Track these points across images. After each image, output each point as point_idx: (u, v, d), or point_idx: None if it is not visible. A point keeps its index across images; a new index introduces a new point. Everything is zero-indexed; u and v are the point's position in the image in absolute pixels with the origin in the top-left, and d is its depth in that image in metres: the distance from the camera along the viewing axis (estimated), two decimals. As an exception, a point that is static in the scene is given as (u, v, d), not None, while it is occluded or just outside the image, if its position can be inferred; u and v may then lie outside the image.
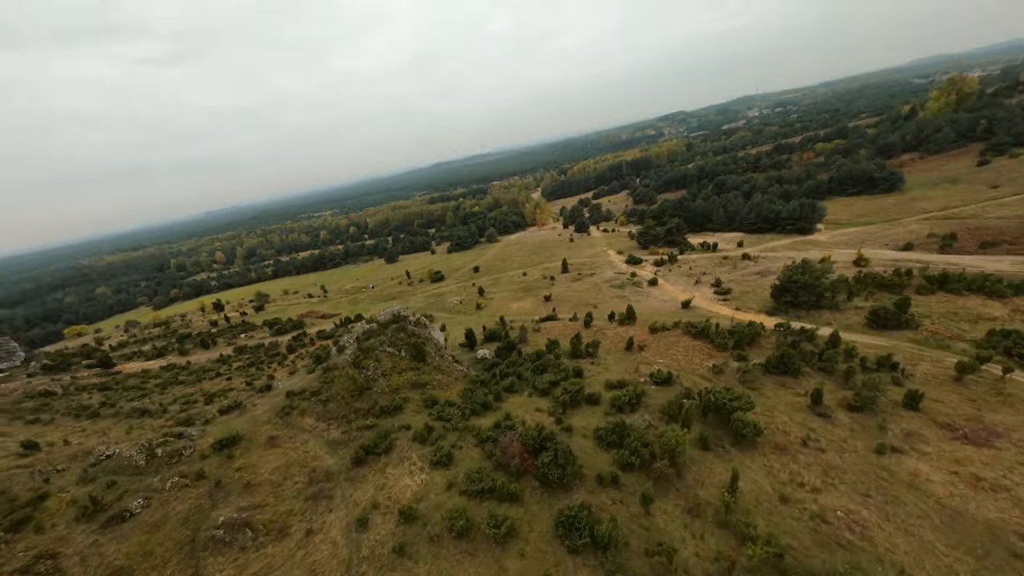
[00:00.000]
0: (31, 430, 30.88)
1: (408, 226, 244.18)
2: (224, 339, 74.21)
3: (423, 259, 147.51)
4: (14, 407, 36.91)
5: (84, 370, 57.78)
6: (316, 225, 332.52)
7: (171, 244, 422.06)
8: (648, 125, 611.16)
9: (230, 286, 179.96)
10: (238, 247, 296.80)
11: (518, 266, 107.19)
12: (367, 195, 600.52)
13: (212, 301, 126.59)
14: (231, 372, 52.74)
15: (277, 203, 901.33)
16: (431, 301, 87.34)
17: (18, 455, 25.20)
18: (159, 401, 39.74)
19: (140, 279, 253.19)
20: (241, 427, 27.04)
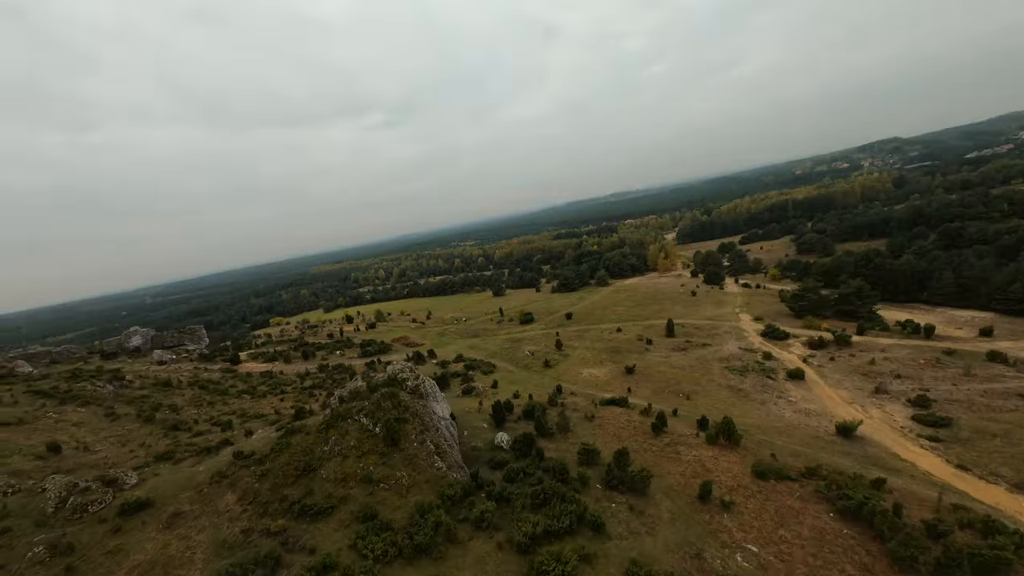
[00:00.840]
0: (58, 429, 36.15)
1: (528, 260, 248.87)
2: (323, 352, 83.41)
3: (526, 296, 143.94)
4: (89, 391, 45.78)
5: (219, 362, 71.85)
6: (455, 253, 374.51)
7: (360, 260, 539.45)
8: (840, 157, 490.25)
9: (375, 300, 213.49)
10: (395, 267, 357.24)
11: (616, 319, 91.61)
12: (507, 228, 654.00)
13: (346, 314, 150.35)
14: (293, 392, 56.30)
15: (440, 232, 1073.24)
16: (506, 347, 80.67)
17: (36, 456, 28.63)
18: (206, 415, 43.55)
19: (330, 286, 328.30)
20: (165, 487, 24.74)
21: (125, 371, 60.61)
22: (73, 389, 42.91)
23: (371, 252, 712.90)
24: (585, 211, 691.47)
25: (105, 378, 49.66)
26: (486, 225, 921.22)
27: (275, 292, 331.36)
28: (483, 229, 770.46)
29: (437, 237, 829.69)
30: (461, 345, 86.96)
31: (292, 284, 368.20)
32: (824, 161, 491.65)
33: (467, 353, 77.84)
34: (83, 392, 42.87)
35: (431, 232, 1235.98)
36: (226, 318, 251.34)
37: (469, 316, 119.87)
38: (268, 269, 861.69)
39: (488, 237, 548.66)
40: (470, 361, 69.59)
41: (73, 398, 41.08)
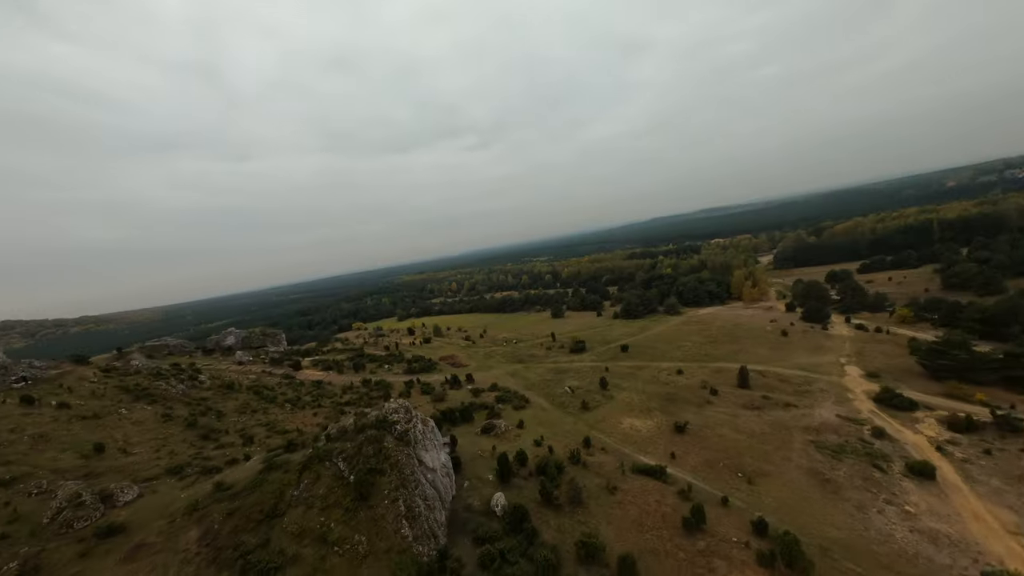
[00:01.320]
0: (117, 427, 40.67)
1: (595, 281, 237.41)
2: (374, 366, 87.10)
3: (585, 320, 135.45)
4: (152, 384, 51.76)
5: (285, 367, 79.18)
6: (524, 269, 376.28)
7: (439, 272, 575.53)
8: (1016, 163, 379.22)
9: (442, 312, 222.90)
10: (467, 280, 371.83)
11: (679, 357, 79.68)
12: (582, 245, 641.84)
13: (412, 325, 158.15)
14: (328, 407, 58.50)
15: (517, 246, 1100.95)
16: (547, 378, 74.94)
17: (82, 455, 32.46)
18: (242, 424, 46.73)
19: (408, 295, 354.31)
20: (145, 512, 25.47)
21: (206, 369, 69.88)
22: (150, 387, 49.76)
23: (453, 264, 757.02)
24: (669, 228, 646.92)
25: (183, 377, 56.97)
26: (562, 241, 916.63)
27: (364, 298, 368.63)
28: (558, 245, 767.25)
29: (513, 251, 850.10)
30: (503, 370, 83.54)
31: (379, 291, 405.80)
32: (993, 169, 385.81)
33: (505, 381, 74.11)
34: (156, 390, 49.42)
35: (509, 246, 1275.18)
36: (321, 319, 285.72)
37: (521, 338, 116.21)
38: (369, 275, 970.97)
39: (561, 253, 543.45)
40: (504, 392, 65.63)
41: (147, 396, 47.41)
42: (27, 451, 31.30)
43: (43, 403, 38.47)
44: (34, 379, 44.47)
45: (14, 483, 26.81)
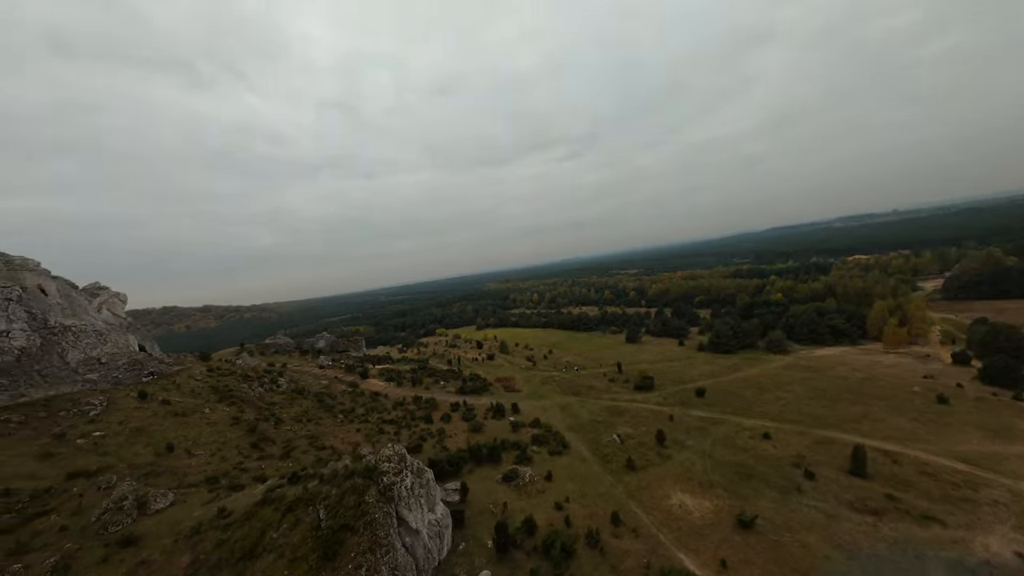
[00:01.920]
0: (194, 425, 47.21)
1: (685, 302, 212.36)
2: (431, 381, 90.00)
3: (663, 349, 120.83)
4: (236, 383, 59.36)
5: (355, 374, 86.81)
6: (609, 283, 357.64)
7: (524, 281, 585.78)
8: None
9: (518, 325, 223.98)
10: (548, 292, 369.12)
11: (773, 415, 64.48)
12: (678, 258, 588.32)
13: (484, 336, 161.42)
14: (373, 423, 61.40)
15: (608, 256, 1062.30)
16: (598, 419, 67.46)
17: (156, 452, 38.66)
18: (292, 434, 51.46)
19: (491, 303, 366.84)
20: (162, 526, 28.48)
21: (291, 371, 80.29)
22: (235, 389, 58.51)
23: (540, 273, 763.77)
24: (791, 240, 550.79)
25: (265, 380, 65.95)
26: (654, 253, 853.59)
27: (452, 304, 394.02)
28: (651, 257, 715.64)
29: (603, 262, 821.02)
30: (554, 402, 78.35)
31: (466, 298, 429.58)
32: None
33: (551, 416, 69.13)
34: (238, 392, 57.83)
35: (598, 256, 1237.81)
36: (413, 322, 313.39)
37: (584, 365, 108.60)
38: (462, 281, 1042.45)
39: (653, 267, 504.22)
40: (544, 430, 60.87)
41: (229, 397, 55.68)
42: (122, 444, 38.73)
43: (152, 398, 47.81)
44: (159, 374, 56.01)
45: (96, 475, 33.06)
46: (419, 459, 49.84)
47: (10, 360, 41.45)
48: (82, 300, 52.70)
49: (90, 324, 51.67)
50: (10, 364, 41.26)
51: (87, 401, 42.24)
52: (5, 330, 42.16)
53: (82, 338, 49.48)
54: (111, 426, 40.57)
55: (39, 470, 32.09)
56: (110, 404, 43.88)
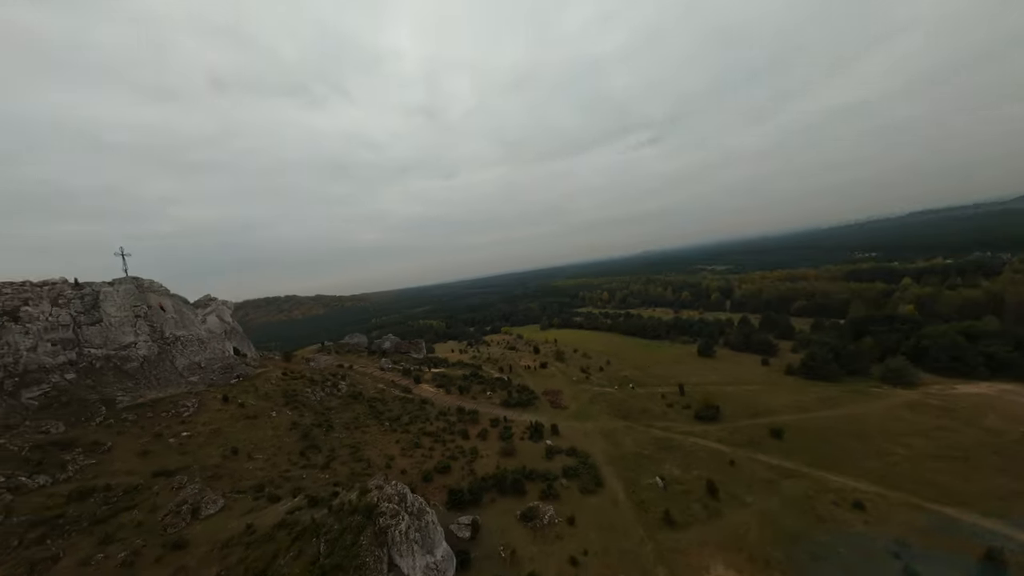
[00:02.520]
0: (260, 428, 53.93)
1: (779, 308, 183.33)
2: (479, 389, 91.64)
3: (741, 369, 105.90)
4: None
5: (409, 379, 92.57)
6: (691, 281, 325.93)
7: (596, 278, 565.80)
8: None
9: (582, 327, 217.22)
10: (620, 290, 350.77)
11: (875, 475, 52.31)
12: (781, 251, 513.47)
13: (542, 340, 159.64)
14: (411, 435, 64.52)
15: (693, 248, 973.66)
16: (645, 453, 61.49)
17: (223, 455, 45.43)
18: (339, 442, 56.43)
19: (558, 301, 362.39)
20: (203, 535, 33.07)
21: (354, 374, 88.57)
22: (299, 392, 66.38)
23: (614, 268, 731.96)
24: (943, 226, 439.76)
25: (327, 384, 73.70)
26: (753, 244, 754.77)
27: (519, 301, 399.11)
28: (747, 250, 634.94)
29: (687, 256, 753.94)
30: (599, 426, 73.83)
31: (535, 295, 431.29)
32: None
33: (591, 444, 65.23)
34: (302, 396, 65.49)
35: (683, 249, 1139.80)
36: (482, 318, 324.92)
37: (643, 381, 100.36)
38: (534, 275, 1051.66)
39: (746, 263, 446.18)
40: (580, 461, 57.59)
41: (294, 401, 63.34)
42: (201, 444, 46.50)
43: (232, 401, 56.63)
44: (245, 376, 66.23)
45: (174, 474, 40.10)
46: (445, 481, 50.99)
47: (135, 366, 52.43)
48: (190, 314, 64.30)
49: (195, 334, 62.92)
50: (135, 369, 52.23)
51: (183, 403, 51.59)
52: (133, 341, 53.37)
53: (188, 346, 60.53)
54: (196, 427, 48.94)
55: (137, 466, 40.01)
56: (200, 406, 53.00)
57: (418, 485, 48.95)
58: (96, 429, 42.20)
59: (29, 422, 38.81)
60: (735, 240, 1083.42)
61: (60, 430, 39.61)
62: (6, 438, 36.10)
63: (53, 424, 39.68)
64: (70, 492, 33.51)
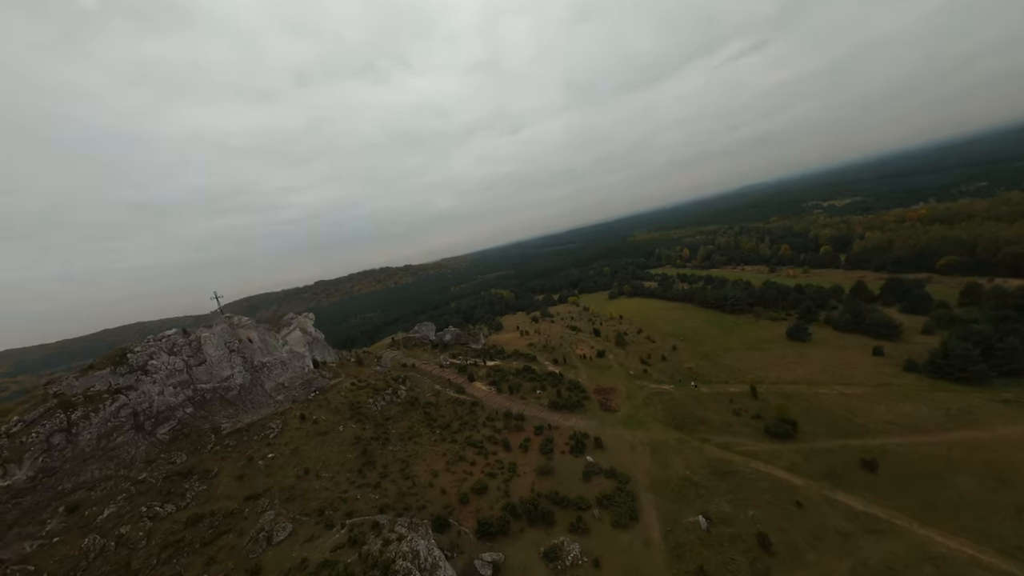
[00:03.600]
0: (330, 443, 62.81)
1: (920, 263, 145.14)
2: (529, 387, 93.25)
3: (842, 361, 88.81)
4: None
5: (463, 376, 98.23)
6: (795, 228, 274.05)
7: (675, 231, 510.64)
8: None
9: (653, 296, 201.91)
10: (704, 245, 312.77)
11: (1006, 539, 40.70)
12: (941, 171, 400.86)
13: (603, 321, 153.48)
14: (456, 446, 69.41)
15: (813, 176, 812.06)
16: (695, 480, 57.14)
17: (297, 475, 54.80)
18: (392, 456, 63.52)
19: (632, 262, 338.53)
20: (272, 563, 41.08)
21: (415, 371, 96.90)
22: (362, 404, 75.34)
23: (702, 211, 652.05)
24: None
25: (387, 392, 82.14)
26: (897, 165, 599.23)
27: (590, 264, 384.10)
28: (887, 174, 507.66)
29: (799, 185, 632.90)
30: (649, 437, 70.13)
31: (606, 256, 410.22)
32: None
33: (634, 462, 62.78)
34: (364, 407, 74.33)
35: (793, 178, 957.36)
36: (551, 285, 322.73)
37: (709, 377, 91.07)
38: (610, 227, 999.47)
39: (880, 191, 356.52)
40: (617, 487, 56.26)
41: (357, 414, 72.34)
42: (282, 465, 56.61)
43: (307, 419, 67.06)
44: (321, 389, 77.41)
45: (259, 497, 49.94)
46: (480, 504, 54.48)
47: (234, 394, 64.80)
48: (272, 340, 75.88)
49: (278, 358, 74.59)
50: (234, 397, 64.62)
51: (269, 425, 62.81)
52: (230, 374, 65.58)
53: (273, 370, 72.31)
54: (279, 447, 59.52)
55: (234, 490, 50.75)
56: (283, 426, 63.98)
57: (455, 507, 53.37)
58: (207, 456, 54.23)
59: (163, 455, 51.54)
60: (870, 159, 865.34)
61: (183, 460, 51.87)
62: (148, 471, 48.59)
63: (178, 455, 52.06)
64: (187, 518, 44.27)
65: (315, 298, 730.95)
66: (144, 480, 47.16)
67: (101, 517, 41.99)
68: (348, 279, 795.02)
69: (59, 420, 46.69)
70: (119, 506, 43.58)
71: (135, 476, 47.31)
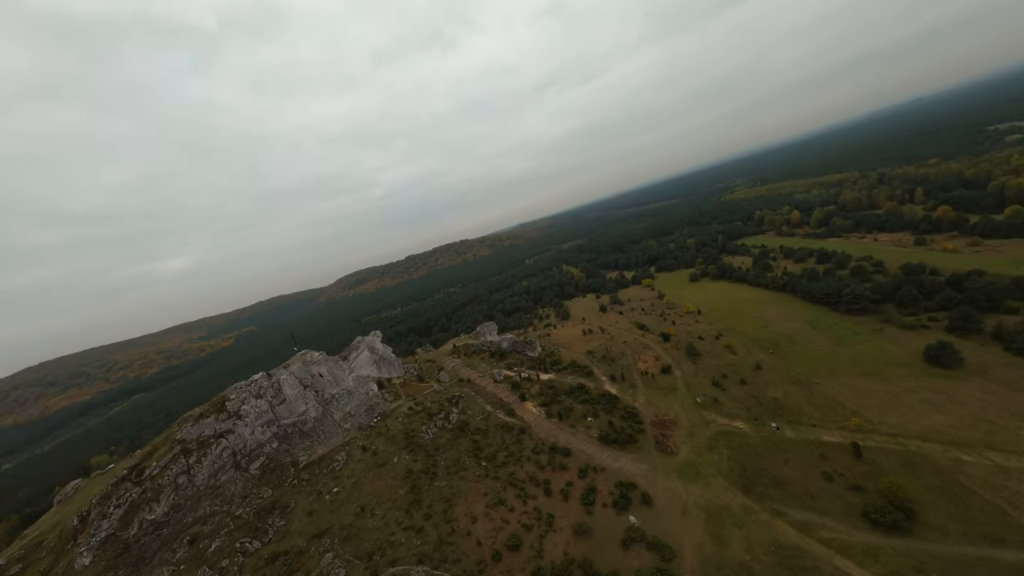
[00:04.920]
0: (383, 476, 69.17)
1: None
2: (579, 412, 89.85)
3: (1010, 412, 65.75)
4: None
5: (516, 394, 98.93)
6: (969, 173, 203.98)
7: (784, 183, 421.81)
8: None
9: (744, 280, 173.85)
10: (819, 204, 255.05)
11: None
12: None
13: (674, 322, 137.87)
14: (503, 482, 71.05)
15: (993, 82, 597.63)
16: (755, 568, 49.47)
17: (355, 513, 62.19)
18: (437, 493, 67.85)
19: (723, 231, 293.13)
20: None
21: (470, 388, 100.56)
22: (415, 433, 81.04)
23: (829, 148, 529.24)
24: None
25: (439, 417, 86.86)
26: None
27: (672, 232, 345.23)
28: None
29: (989, 97, 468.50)
30: (708, 495, 62.58)
31: (694, 220, 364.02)
32: None
33: (684, 533, 57.09)
34: (416, 436, 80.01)
35: (985, 83, 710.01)
36: (626, 261, 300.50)
37: (798, 415, 76.36)
38: (706, 174, 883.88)
39: None
40: (655, 568, 51.82)
41: (412, 443, 78.30)
42: (343, 501, 64.71)
43: (368, 449, 74.91)
44: (383, 413, 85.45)
45: (322, 536, 58.13)
46: (511, 563, 55.70)
47: (309, 427, 75.20)
48: (339, 372, 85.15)
49: (345, 388, 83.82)
50: (309, 430, 75.04)
51: (336, 457, 71.86)
52: (305, 408, 75.91)
53: (341, 400, 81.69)
54: (343, 481, 68.02)
55: (305, 527, 59.92)
56: (347, 458, 72.67)
57: (487, 564, 55.37)
58: (287, 490, 64.69)
59: (254, 489, 62.98)
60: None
61: (268, 495, 62.76)
62: (243, 507, 59.92)
63: (264, 490, 63.11)
64: (267, 555, 53.99)
65: (406, 271, 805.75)
66: (240, 516, 58.41)
67: (210, 550, 53.53)
68: (432, 253, 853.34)
69: (181, 464, 59.65)
70: (222, 540, 54.92)
71: (234, 511, 58.86)
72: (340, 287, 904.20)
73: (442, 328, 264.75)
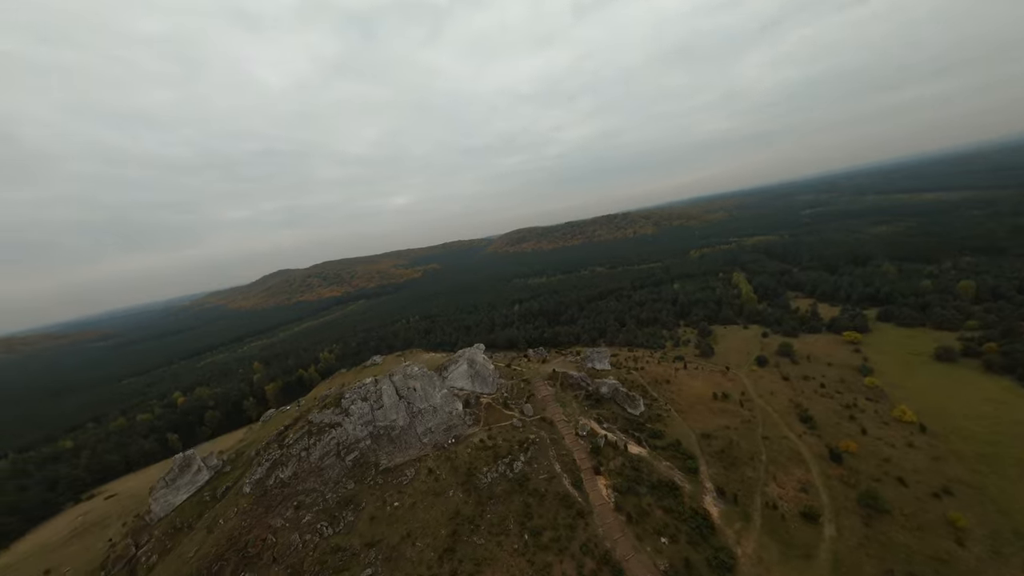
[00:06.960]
0: (435, 506, 75.05)
1: None
2: (659, 522, 74.74)
3: None
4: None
5: (592, 460, 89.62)
6: None
7: None
8: None
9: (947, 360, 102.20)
10: None
11: None
12: None
13: (859, 429, 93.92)
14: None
15: None
16: None
17: (400, 538, 70.49)
18: (465, 556, 70.05)
19: None
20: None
21: (539, 439, 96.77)
22: (475, 469, 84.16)
23: None
24: None
25: (506, 459, 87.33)
26: None
27: (942, 260, 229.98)
28: None
29: None
30: None
31: (976, 249, 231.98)
32: None
33: None
34: (477, 476, 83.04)
35: None
36: (833, 287, 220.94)
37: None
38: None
39: None
40: None
41: (469, 481, 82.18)
42: (399, 518, 74.03)
43: (433, 472, 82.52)
44: (459, 438, 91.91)
45: (372, 546, 68.71)
46: None
47: (396, 434, 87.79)
48: (430, 388, 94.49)
49: (432, 404, 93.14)
50: (396, 436, 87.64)
51: (406, 471, 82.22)
52: (396, 417, 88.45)
53: (426, 415, 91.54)
54: (404, 498, 77.90)
55: (365, 530, 72.06)
56: (415, 475, 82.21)
57: (482, 665, 55.21)
58: (364, 488, 78.56)
59: (343, 479, 78.89)
60: None
61: (350, 487, 77.69)
62: (332, 492, 76.20)
63: (349, 483, 78.27)
64: (331, 546, 68.01)
65: (563, 237, 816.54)
66: (328, 499, 74.79)
67: (303, 520, 70.99)
68: (592, 223, 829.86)
69: (305, 443, 79.34)
70: (313, 515, 71.89)
71: (326, 494, 75.70)
72: (504, 242, 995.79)
73: (570, 319, 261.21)
